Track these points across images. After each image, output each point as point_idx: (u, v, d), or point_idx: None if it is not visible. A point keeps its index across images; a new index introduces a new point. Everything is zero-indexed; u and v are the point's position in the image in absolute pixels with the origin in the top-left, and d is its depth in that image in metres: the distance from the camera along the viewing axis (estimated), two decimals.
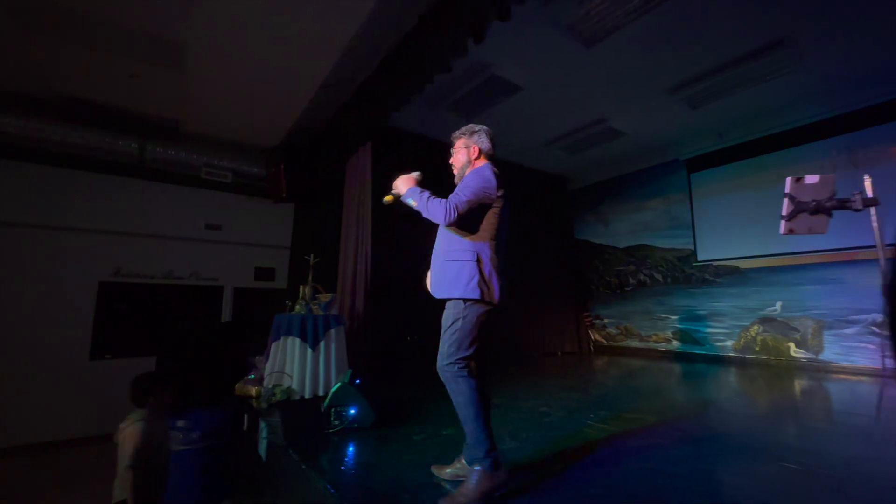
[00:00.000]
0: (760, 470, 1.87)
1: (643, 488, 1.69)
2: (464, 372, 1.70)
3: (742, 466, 1.92)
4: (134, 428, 2.06)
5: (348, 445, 2.30)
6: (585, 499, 1.61)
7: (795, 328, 5.10)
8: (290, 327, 3.37)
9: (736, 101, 4.92)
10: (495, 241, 1.80)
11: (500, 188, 1.81)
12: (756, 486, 1.71)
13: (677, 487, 1.70)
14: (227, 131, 5.14)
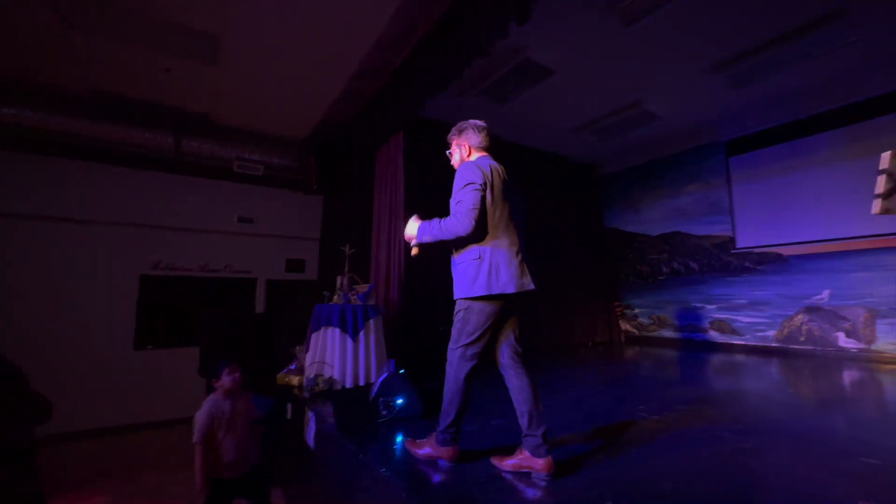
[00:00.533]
0: (841, 465, 1.77)
1: (727, 486, 1.61)
2: (465, 357, 1.85)
3: (819, 462, 1.82)
4: (200, 409, 2.32)
5: (398, 434, 2.29)
6: (667, 495, 1.55)
7: (845, 317, 4.87)
8: (329, 318, 3.38)
9: (782, 79, 4.67)
10: (498, 231, 1.82)
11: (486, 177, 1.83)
12: (842, 482, 1.61)
13: (760, 483, 1.62)
14: (259, 124, 5.17)
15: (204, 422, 2.28)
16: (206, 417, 2.29)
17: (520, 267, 1.81)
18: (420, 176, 5.03)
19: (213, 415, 2.31)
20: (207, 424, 2.28)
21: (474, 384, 1.87)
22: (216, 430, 2.31)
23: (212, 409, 2.33)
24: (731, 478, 1.69)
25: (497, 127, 5.85)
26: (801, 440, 2.08)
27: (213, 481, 2.31)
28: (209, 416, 2.30)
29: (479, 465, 1.83)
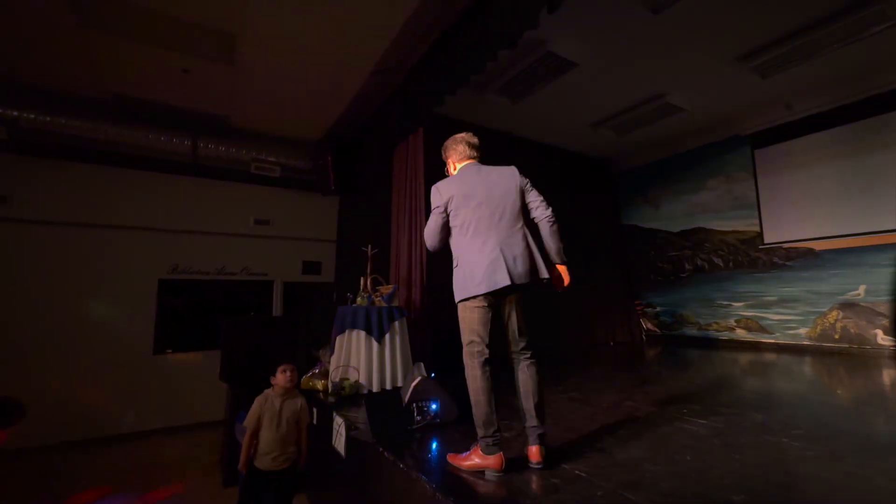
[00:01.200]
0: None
1: (797, 494, 1.49)
2: (472, 355, 1.89)
3: (892, 469, 1.69)
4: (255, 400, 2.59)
5: (433, 441, 2.20)
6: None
7: (882, 313, 4.68)
8: (354, 320, 3.30)
9: (811, 68, 4.50)
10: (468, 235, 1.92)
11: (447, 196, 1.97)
12: None
13: (836, 495, 1.50)
14: (275, 125, 5.12)
15: (254, 410, 2.52)
16: (256, 407, 2.53)
17: (492, 265, 1.83)
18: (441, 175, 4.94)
19: (259, 408, 2.52)
20: (256, 413, 2.51)
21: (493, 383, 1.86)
22: (262, 422, 2.50)
23: (262, 402, 2.55)
24: (802, 490, 1.57)
25: (512, 123, 5.75)
26: (870, 447, 1.95)
27: (250, 467, 2.48)
28: (259, 407, 2.53)
29: (528, 473, 1.73)
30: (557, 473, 1.72)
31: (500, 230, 1.90)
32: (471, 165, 2.10)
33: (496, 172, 2.04)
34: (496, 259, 1.83)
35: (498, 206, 1.92)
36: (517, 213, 1.95)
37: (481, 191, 1.94)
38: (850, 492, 1.53)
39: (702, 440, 2.06)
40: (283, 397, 2.58)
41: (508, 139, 6.09)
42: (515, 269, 1.84)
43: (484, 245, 1.87)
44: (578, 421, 2.44)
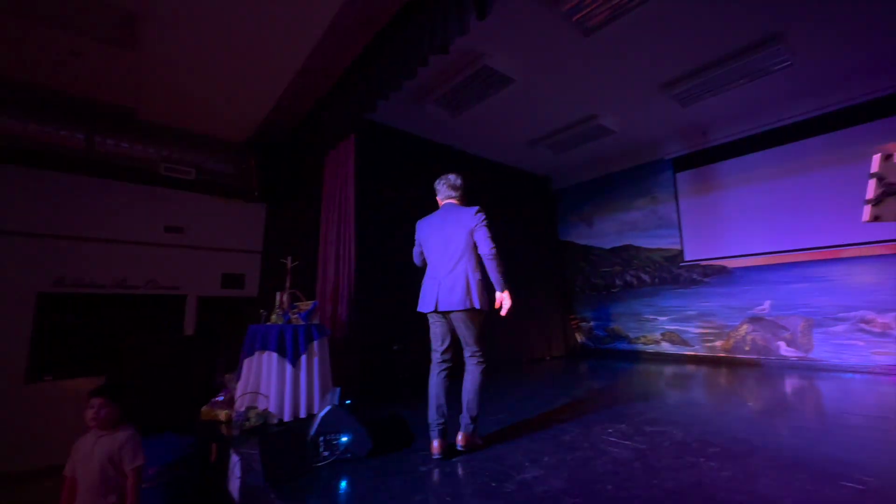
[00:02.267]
0: (825, 492, 1.65)
1: None
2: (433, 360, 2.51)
3: (803, 488, 1.69)
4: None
5: (341, 481, 1.93)
6: None
7: (784, 327, 5.09)
8: (266, 340, 2.95)
9: (725, 99, 4.88)
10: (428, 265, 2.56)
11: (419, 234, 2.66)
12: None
13: None
14: (191, 122, 4.63)
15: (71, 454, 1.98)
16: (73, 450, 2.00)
17: (428, 292, 2.44)
18: (373, 184, 4.73)
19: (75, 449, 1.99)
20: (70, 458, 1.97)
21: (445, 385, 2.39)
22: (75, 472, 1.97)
23: (76, 444, 2.01)
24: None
25: (453, 137, 5.70)
26: (778, 463, 1.97)
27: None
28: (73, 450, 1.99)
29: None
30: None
31: (444, 266, 2.42)
32: (444, 206, 2.64)
33: (456, 214, 2.50)
34: (431, 289, 2.44)
35: (447, 246, 2.44)
36: (461, 252, 2.40)
37: (437, 233, 2.51)
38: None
39: (623, 465, 1.98)
40: (96, 436, 2.02)
41: (450, 152, 6.03)
42: (447, 298, 2.35)
43: (431, 276, 2.49)
44: (502, 447, 2.29)
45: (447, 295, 2.33)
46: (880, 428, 2.49)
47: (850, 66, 4.32)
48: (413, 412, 3.19)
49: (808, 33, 3.79)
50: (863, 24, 3.67)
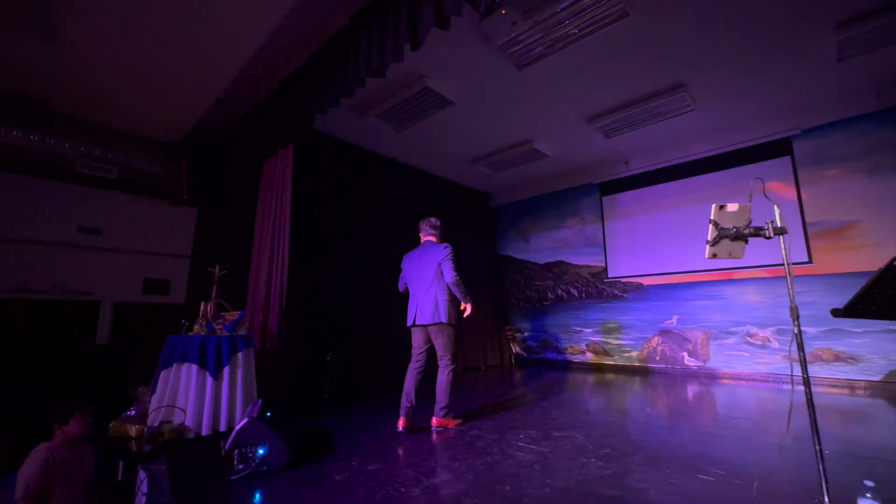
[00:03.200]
0: (684, 484, 1.94)
1: None
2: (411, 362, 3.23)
3: (667, 481, 1.98)
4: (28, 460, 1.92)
5: (254, 495, 1.95)
6: None
7: (688, 339, 5.71)
8: (186, 351, 2.86)
9: (642, 134, 5.45)
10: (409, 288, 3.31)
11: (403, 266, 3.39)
12: (682, 501, 1.76)
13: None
14: (114, 119, 4.38)
15: (34, 473, 1.86)
16: (39, 468, 1.88)
17: (412, 309, 3.17)
18: (311, 194, 4.72)
19: (48, 465, 1.90)
20: (38, 477, 1.86)
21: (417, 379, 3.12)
22: (53, 485, 1.91)
23: (48, 458, 1.92)
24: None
25: (397, 150, 5.84)
26: (654, 460, 2.27)
27: None
28: (42, 467, 1.89)
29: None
30: None
31: (420, 289, 3.15)
32: (424, 243, 3.36)
33: (429, 250, 3.23)
34: (411, 308, 3.18)
35: (421, 275, 3.17)
36: (432, 279, 3.12)
37: (415, 265, 3.24)
38: (625, 501, 1.74)
39: (525, 468, 2.18)
40: (72, 449, 2.06)
41: (394, 165, 6.14)
42: (422, 314, 3.09)
43: (412, 298, 3.22)
44: (418, 455, 2.42)
45: (422, 312, 3.07)
46: (744, 428, 2.91)
47: (743, 113, 5.02)
48: (342, 423, 3.23)
49: (706, 85, 4.37)
50: (750, 81, 4.30)
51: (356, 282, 5.17)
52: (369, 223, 5.57)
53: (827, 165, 4.87)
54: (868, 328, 4.44)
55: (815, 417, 1.53)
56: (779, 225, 1.56)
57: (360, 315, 5.15)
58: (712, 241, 1.61)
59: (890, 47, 3.72)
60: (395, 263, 5.76)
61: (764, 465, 2.11)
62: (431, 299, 3.06)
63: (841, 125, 4.82)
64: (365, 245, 5.41)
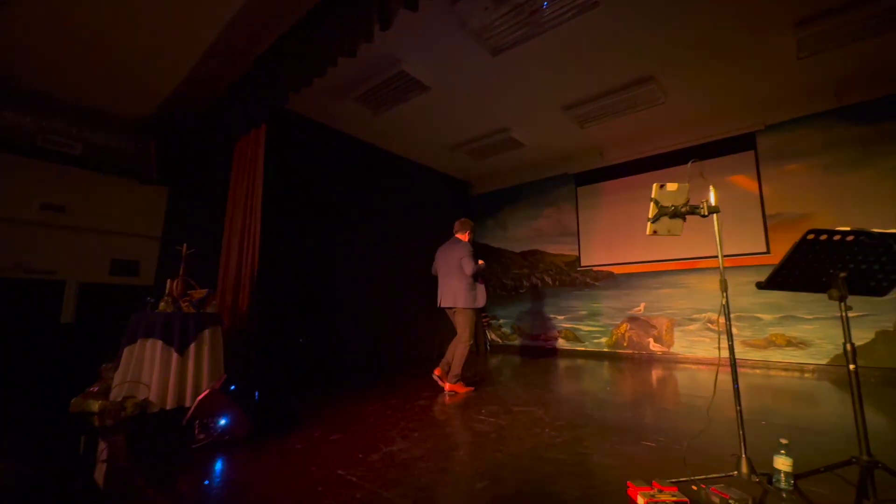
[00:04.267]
0: (626, 449, 2.07)
1: (533, 475, 1.74)
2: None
3: (612, 447, 2.10)
4: None
5: (215, 462, 1.99)
6: (476, 493, 1.60)
7: (654, 325, 5.92)
8: (150, 328, 2.85)
9: (616, 126, 5.57)
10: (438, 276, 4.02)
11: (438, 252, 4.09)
12: (623, 464, 1.88)
13: (561, 472, 1.79)
14: (78, 92, 4.24)
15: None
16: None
17: (439, 294, 3.90)
18: (285, 176, 4.69)
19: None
20: None
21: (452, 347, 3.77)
22: None
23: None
24: (538, 470, 1.84)
25: (375, 135, 5.83)
26: (604, 431, 2.40)
27: None
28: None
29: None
30: (325, 479, 1.70)
31: (443, 277, 3.86)
32: (453, 239, 4.02)
33: (455, 246, 3.90)
34: (439, 293, 3.89)
35: (447, 266, 3.84)
36: (453, 270, 3.76)
37: (442, 256, 3.94)
38: (573, 467, 1.85)
39: (481, 437, 2.28)
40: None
41: (372, 150, 6.13)
42: (444, 299, 3.83)
43: (439, 284, 3.90)
44: (381, 427, 2.49)
45: (445, 297, 3.79)
46: (694, 405, 3.08)
47: (711, 108, 5.18)
48: (309, 400, 3.28)
49: (675, 79, 4.49)
50: (716, 76, 4.44)
51: (330, 267, 5.19)
52: (346, 208, 5.57)
53: (787, 160, 5.08)
54: (818, 315, 4.70)
55: (738, 389, 1.66)
56: (713, 204, 1.66)
57: (332, 299, 5.17)
58: (653, 219, 1.70)
59: (845, 47, 3.90)
60: (371, 250, 5.81)
61: (703, 432, 2.26)
62: (452, 287, 3.71)
63: (802, 121, 5.03)
64: (340, 230, 5.41)
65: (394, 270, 6.12)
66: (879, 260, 1.44)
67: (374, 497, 1.54)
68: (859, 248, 1.41)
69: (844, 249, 1.43)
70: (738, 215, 5.23)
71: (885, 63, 4.21)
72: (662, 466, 1.83)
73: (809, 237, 1.41)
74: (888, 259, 1.44)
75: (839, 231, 1.37)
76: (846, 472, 1.50)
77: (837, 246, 1.42)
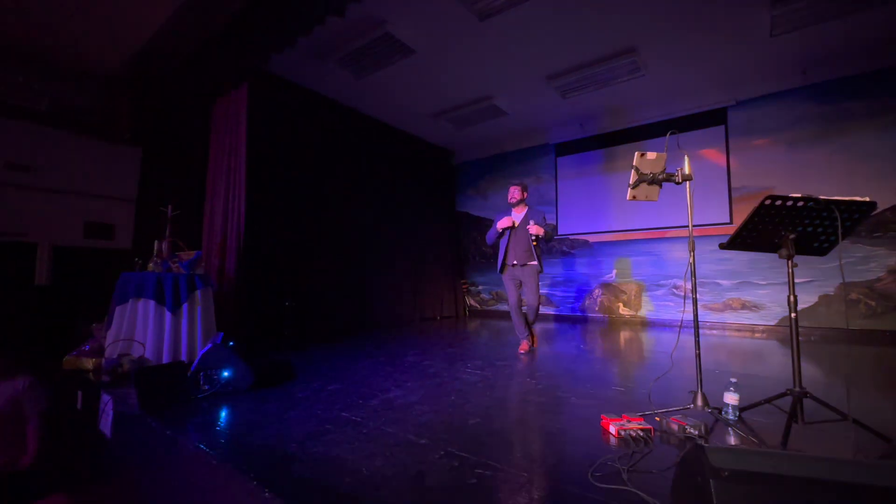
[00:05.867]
0: (599, 392, 2.32)
1: (518, 413, 1.96)
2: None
3: (586, 391, 2.35)
4: None
5: (221, 409, 2.12)
6: (470, 427, 1.80)
7: (624, 291, 6.30)
8: (141, 288, 2.88)
9: (597, 97, 5.68)
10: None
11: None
12: (596, 403, 2.13)
13: (543, 410, 2.01)
14: (41, 44, 3.97)
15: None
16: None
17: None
18: (267, 136, 4.60)
19: None
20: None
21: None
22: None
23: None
24: (521, 409, 2.06)
25: (358, 100, 5.73)
26: (579, 379, 2.66)
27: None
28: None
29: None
30: (331, 419, 1.87)
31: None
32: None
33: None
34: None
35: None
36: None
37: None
38: (553, 407, 2.08)
39: (470, 385, 2.49)
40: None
41: (355, 115, 6.04)
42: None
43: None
44: (375, 379, 2.67)
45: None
46: (658, 360, 3.40)
47: (687, 83, 5.34)
48: (301, 358, 3.41)
49: (655, 51, 4.60)
50: (694, 50, 4.58)
51: (313, 232, 5.21)
52: (327, 173, 5.53)
53: (755, 135, 5.36)
54: (770, 281, 5.13)
55: (698, 334, 1.89)
56: (686, 173, 1.84)
57: (316, 264, 5.23)
58: (633, 185, 1.86)
59: (814, 27, 4.09)
60: (354, 216, 5.83)
61: (666, 375, 2.54)
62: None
63: (771, 98, 5.29)
64: (322, 195, 5.40)
65: (376, 236, 6.19)
66: (823, 224, 1.66)
67: (380, 432, 1.71)
68: (807, 212, 1.62)
69: (795, 214, 1.64)
70: (706, 187, 5.53)
71: (850, 43, 4.44)
72: (630, 404, 2.08)
73: (767, 202, 1.60)
74: (830, 223, 1.66)
75: (792, 197, 1.56)
76: (783, 405, 1.77)
77: (790, 211, 1.63)
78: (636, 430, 1.65)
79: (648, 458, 1.46)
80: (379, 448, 1.57)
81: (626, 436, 1.64)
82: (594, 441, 1.66)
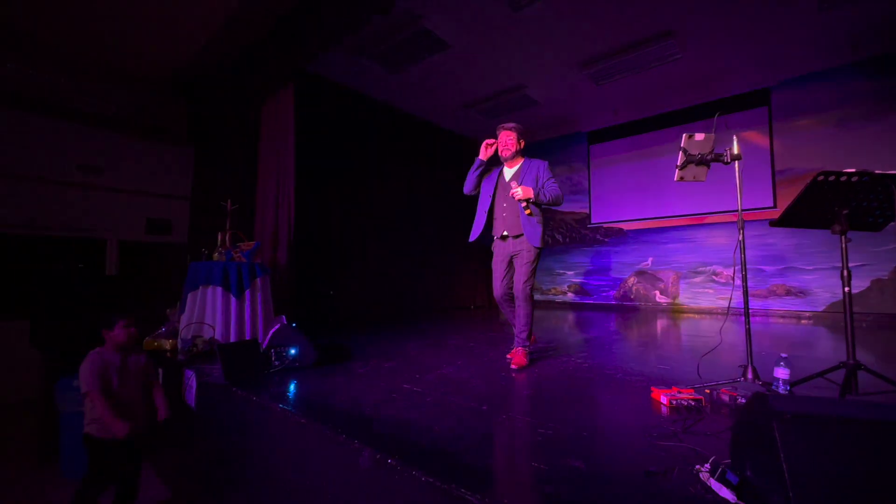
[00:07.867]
0: (646, 369, 2.39)
1: (569, 386, 2.07)
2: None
3: (634, 369, 2.43)
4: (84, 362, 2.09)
5: (292, 382, 2.33)
6: (525, 398, 1.92)
7: (660, 279, 6.24)
8: (209, 276, 3.13)
9: (631, 82, 5.61)
10: None
11: None
12: (645, 378, 2.20)
13: (593, 384, 2.11)
14: (110, 54, 4.31)
15: (91, 370, 2.05)
16: (90, 365, 2.07)
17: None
18: (311, 136, 4.83)
19: (98, 363, 2.08)
20: (90, 372, 2.05)
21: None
22: (109, 384, 2.10)
23: (97, 361, 2.09)
24: (573, 384, 2.16)
25: (389, 94, 5.87)
26: (623, 358, 2.73)
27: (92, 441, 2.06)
28: (94, 364, 2.08)
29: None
30: (396, 389, 2.03)
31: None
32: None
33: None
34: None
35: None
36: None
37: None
38: (603, 381, 2.17)
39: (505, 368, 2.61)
40: (121, 354, 2.22)
41: (386, 109, 6.20)
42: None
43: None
44: (426, 358, 2.82)
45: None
46: (701, 345, 3.41)
47: (726, 64, 5.21)
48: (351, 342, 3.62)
49: (693, 34, 4.52)
50: (735, 31, 4.47)
51: (356, 225, 5.43)
52: (366, 167, 5.74)
53: (801, 115, 5.18)
54: (817, 266, 4.98)
55: (747, 308, 1.94)
56: (735, 152, 1.88)
57: (358, 255, 5.46)
58: (681, 165, 1.92)
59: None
60: (391, 208, 6.02)
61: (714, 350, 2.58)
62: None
63: (817, 76, 5.09)
64: (361, 188, 5.61)
65: (413, 227, 6.37)
66: (879, 198, 1.67)
67: (444, 399, 1.86)
68: (861, 187, 1.64)
69: (848, 189, 1.66)
70: (746, 171, 5.39)
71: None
72: (679, 378, 2.15)
73: (819, 178, 1.63)
74: (886, 198, 1.67)
75: (846, 172, 1.59)
76: (835, 379, 1.80)
77: (843, 186, 1.65)
78: (688, 400, 1.73)
79: (699, 425, 1.54)
80: (446, 412, 1.72)
81: (677, 405, 1.72)
82: (645, 410, 1.75)
